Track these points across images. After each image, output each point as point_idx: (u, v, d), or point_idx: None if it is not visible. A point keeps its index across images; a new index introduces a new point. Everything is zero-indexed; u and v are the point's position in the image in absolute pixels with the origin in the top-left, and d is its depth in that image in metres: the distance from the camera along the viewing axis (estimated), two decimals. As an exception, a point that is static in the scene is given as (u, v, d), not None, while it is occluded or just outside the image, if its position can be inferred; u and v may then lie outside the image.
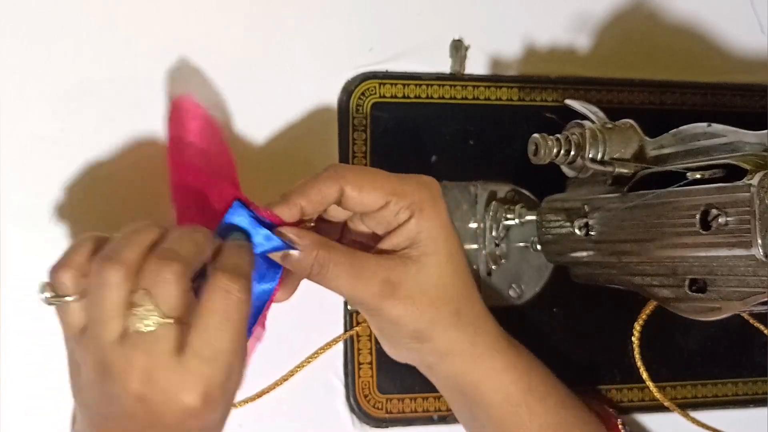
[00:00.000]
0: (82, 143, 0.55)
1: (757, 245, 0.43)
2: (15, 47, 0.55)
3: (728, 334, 0.65)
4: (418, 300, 0.49)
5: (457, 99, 0.62)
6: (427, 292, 0.49)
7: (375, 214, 0.49)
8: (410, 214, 0.48)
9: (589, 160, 0.53)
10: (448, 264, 0.49)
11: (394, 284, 0.48)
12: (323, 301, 0.59)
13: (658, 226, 0.50)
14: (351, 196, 0.47)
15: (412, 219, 0.48)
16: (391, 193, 0.48)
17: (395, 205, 0.48)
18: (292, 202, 0.47)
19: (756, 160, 0.46)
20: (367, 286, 0.47)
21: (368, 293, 0.48)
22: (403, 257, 0.49)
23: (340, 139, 0.60)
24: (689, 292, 0.50)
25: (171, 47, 0.57)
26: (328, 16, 0.60)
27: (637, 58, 0.67)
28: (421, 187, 0.49)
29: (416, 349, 0.51)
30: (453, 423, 0.60)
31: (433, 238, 0.49)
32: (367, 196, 0.47)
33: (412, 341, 0.51)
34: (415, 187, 0.49)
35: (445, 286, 0.49)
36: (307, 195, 0.47)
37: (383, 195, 0.48)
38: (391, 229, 0.49)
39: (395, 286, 0.48)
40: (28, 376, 0.54)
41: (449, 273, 0.49)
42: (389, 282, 0.48)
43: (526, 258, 0.62)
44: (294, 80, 0.59)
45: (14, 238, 0.54)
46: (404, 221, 0.48)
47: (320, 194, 0.47)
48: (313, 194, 0.47)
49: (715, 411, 0.65)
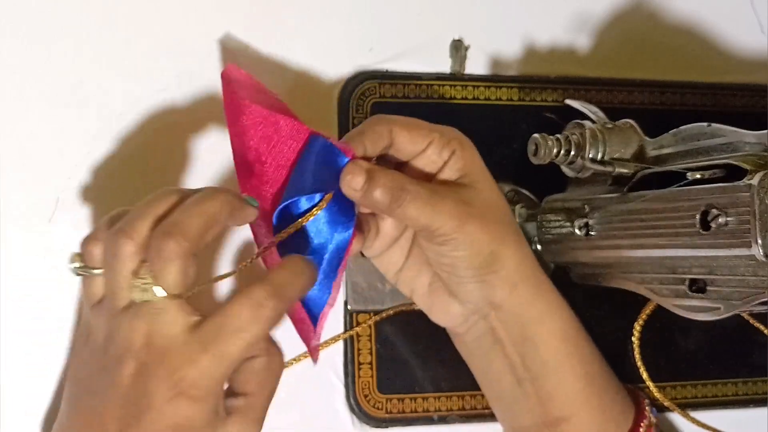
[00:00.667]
0: (82, 143, 0.55)
1: (757, 245, 0.44)
2: (15, 47, 0.55)
3: (728, 334, 0.65)
4: (488, 218, 0.50)
5: (457, 99, 0.62)
6: (492, 211, 0.50)
7: (420, 157, 0.50)
8: (452, 150, 0.50)
9: (589, 160, 0.53)
10: (494, 189, 0.51)
11: (467, 203, 0.49)
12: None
13: (658, 226, 0.50)
14: (400, 137, 0.49)
15: (455, 153, 0.50)
16: (432, 130, 0.50)
17: (438, 142, 0.50)
18: (354, 140, 0.48)
19: (756, 160, 0.46)
20: (444, 207, 0.48)
21: (445, 214, 0.48)
22: (459, 185, 0.50)
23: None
24: (689, 292, 0.50)
25: (171, 47, 0.57)
26: (328, 16, 0.60)
27: (637, 58, 0.67)
28: (453, 130, 0.51)
29: (488, 281, 0.50)
30: (453, 423, 0.60)
31: (479, 167, 0.51)
32: (415, 135, 0.49)
33: (486, 269, 0.50)
34: (449, 131, 0.51)
35: (502, 207, 0.51)
36: (365, 135, 0.48)
37: (427, 133, 0.50)
38: (438, 168, 0.50)
39: (468, 204, 0.49)
40: (28, 376, 0.54)
41: (500, 196, 0.52)
42: (461, 201, 0.49)
43: (526, 258, 0.62)
44: (294, 80, 0.59)
45: (14, 238, 0.54)
46: (448, 157, 0.50)
47: (375, 134, 0.48)
48: (371, 134, 0.48)
49: (715, 411, 0.65)
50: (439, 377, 0.60)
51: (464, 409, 0.60)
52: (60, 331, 0.54)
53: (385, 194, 0.47)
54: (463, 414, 0.60)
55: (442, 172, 0.50)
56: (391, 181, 0.47)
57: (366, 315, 0.59)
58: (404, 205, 0.47)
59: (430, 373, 0.60)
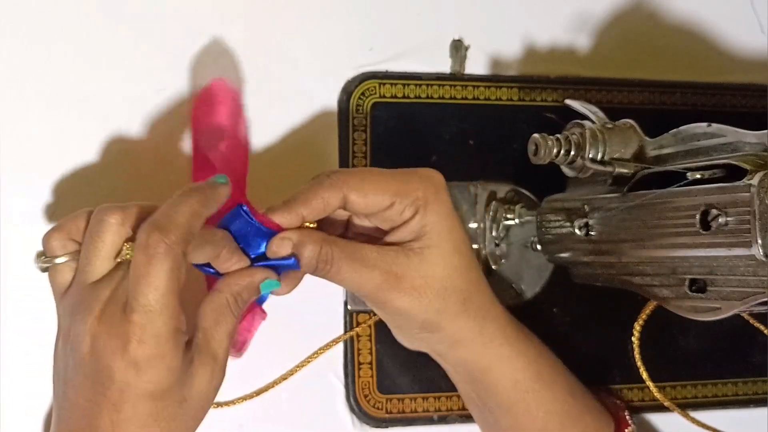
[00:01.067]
0: (82, 143, 0.55)
1: (757, 245, 0.43)
2: (15, 47, 0.55)
3: (728, 334, 0.65)
4: (423, 291, 0.49)
5: (457, 99, 0.62)
6: (432, 283, 0.49)
7: (380, 214, 0.49)
8: (415, 210, 0.49)
9: (589, 160, 0.53)
10: (453, 255, 0.50)
11: (396, 275, 0.48)
12: (323, 301, 0.59)
13: (658, 226, 0.50)
14: (355, 201, 0.47)
15: (416, 215, 0.49)
16: (395, 194, 0.48)
17: (400, 204, 0.48)
18: (293, 211, 0.47)
19: (756, 160, 0.46)
20: (371, 278, 0.48)
21: (372, 286, 0.48)
22: (407, 249, 0.49)
23: (340, 138, 0.60)
24: (689, 292, 0.50)
25: (171, 47, 0.57)
26: (328, 16, 0.60)
27: (637, 58, 0.66)
28: (425, 182, 0.49)
29: (426, 339, 0.52)
30: (453, 423, 0.60)
31: (437, 231, 0.49)
32: (372, 199, 0.48)
33: (421, 331, 0.51)
34: (418, 183, 0.49)
35: (451, 276, 0.50)
36: (308, 203, 0.47)
37: (388, 197, 0.48)
38: (395, 225, 0.49)
39: (399, 278, 0.48)
40: (28, 376, 0.54)
41: (454, 264, 0.50)
42: (392, 273, 0.48)
43: (526, 258, 0.62)
44: (294, 80, 0.59)
45: (14, 238, 0.54)
46: (409, 218, 0.49)
47: (323, 203, 0.47)
48: (316, 203, 0.47)
49: (715, 411, 0.65)
50: (439, 377, 0.60)
51: (464, 409, 0.60)
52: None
53: (309, 264, 0.47)
54: (463, 414, 0.60)
55: (398, 229, 0.49)
56: (317, 254, 0.47)
57: (366, 315, 0.59)
58: (330, 275, 0.47)
59: (430, 373, 0.60)
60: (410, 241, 0.49)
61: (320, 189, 0.47)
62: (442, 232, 0.49)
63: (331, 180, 0.47)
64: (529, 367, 0.53)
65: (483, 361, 0.52)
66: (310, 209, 0.47)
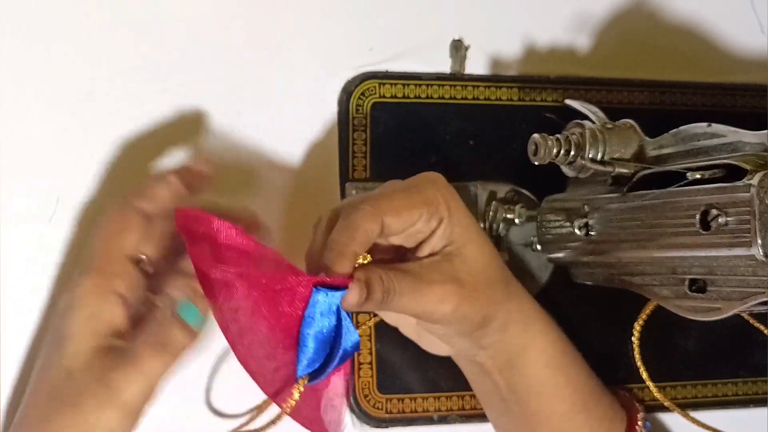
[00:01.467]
0: (82, 143, 0.55)
1: (757, 245, 0.43)
2: (15, 47, 0.55)
3: (728, 334, 0.65)
4: (476, 288, 0.49)
5: (457, 99, 0.62)
6: (480, 278, 0.50)
7: (408, 230, 0.49)
8: (440, 218, 0.49)
9: (589, 160, 0.53)
10: (485, 246, 0.51)
11: (455, 280, 0.48)
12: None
13: (658, 226, 0.50)
14: (391, 223, 0.47)
15: (443, 221, 0.49)
16: (423, 204, 0.48)
17: (427, 214, 0.48)
18: (348, 254, 0.45)
19: (756, 160, 0.46)
20: (430, 295, 0.47)
21: (433, 302, 0.47)
22: (446, 254, 0.49)
23: (340, 139, 0.60)
24: (689, 292, 0.50)
25: (171, 48, 0.57)
26: (328, 16, 0.60)
27: (637, 58, 0.66)
28: (438, 186, 0.50)
29: (479, 335, 0.51)
30: (453, 423, 0.60)
31: (465, 228, 0.50)
32: (406, 217, 0.48)
33: (476, 329, 0.51)
34: (434, 189, 0.49)
35: (490, 265, 0.51)
36: (356, 240, 0.45)
37: (417, 210, 0.48)
38: (424, 237, 0.49)
39: (457, 282, 0.48)
40: (28, 376, 0.54)
41: (488, 253, 0.51)
42: (451, 279, 0.48)
43: (526, 258, 0.62)
44: (294, 80, 0.59)
45: (14, 238, 0.54)
46: (436, 226, 0.49)
47: (366, 234, 0.46)
48: (360, 236, 0.46)
49: (715, 411, 0.65)
50: (439, 377, 0.60)
51: (464, 409, 0.60)
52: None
53: (377, 300, 0.45)
54: (463, 414, 0.60)
55: (429, 240, 0.49)
56: (381, 286, 0.45)
57: (366, 315, 0.59)
58: (392, 303, 0.46)
59: (430, 373, 0.60)
60: (444, 247, 0.49)
61: (360, 221, 0.46)
62: (468, 227, 0.50)
63: (365, 211, 0.46)
64: (557, 342, 0.54)
65: (524, 338, 0.53)
66: (359, 244, 0.45)
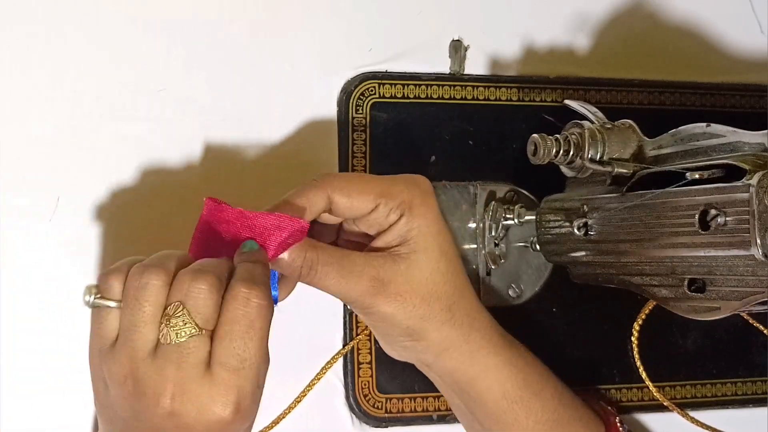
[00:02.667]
0: (82, 143, 0.55)
1: (756, 245, 0.43)
2: (15, 47, 0.55)
3: (728, 334, 0.65)
4: (409, 297, 0.49)
5: (457, 99, 0.62)
6: (417, 289, 0.49)
7: (366, 217, 0.49)
8: (400, 213, 0.49)
9: (588, 160, 0.53)
10: (439, 260, 0.50)
11: (383, 281, 0.48)
12: (324, 301, 0.59)
13: (657, 226, 0.50)
14: (340, 202, 0.48)
15: (402, 218, 0.49)
16: (379, 195, 0.48)
17: (385, 206, 0.49)
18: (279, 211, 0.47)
19: (755, 160, 0.46)
20: (357, 284, 0.48)
21: (357, 291, 0.48)
22: (393, 255, 0.49)
23: (339, 139, 0.60)
24: (688, 291, 0.50)
25: (171, 48, 0.57)
26: (328, 16, 0.61)
27: (636, 58, 0.66)
28: (411, 186, 0.50)
29: (411, 348, 0.52)
30: (453, 423, 0.60)
31: (423, 235, 0.49)
32: (357, 201, 0.48)
33: (406, 339, 0.51)
34: (403, 187, 0.49)
35: (437, 282, 0.50)
36: (293, 205, 0.47)
37: (372, 199, 0.48)
38: (382, 229, 0.50)
39: (384, 283, 0.48)
40: (27, 376, 0.54)
41: (441, 269, 0.50)
42: (378, 279, 0.48)
43: (526, 258, 0.62)
44: (294, 80, 0.59)
45: (14, 238, 0.54)
46: (395, 221, 0.49)
47: (308, 203, 0.47)
48: (300, 202, 0.47)
49: (715, 411, 0.65)
50: (439, 377, 0.60)
51: (464, 409, 0.60)
52: (59, 331, 0.54)
53: (293, 269, 0.47)
54: (462, 414, 0.60)
55: (385, 234, 0.50)
56: (301, 259, 0.47)
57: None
58: (315, 280, 0.47)
59: (430, 373, 0.60)
60: (397, 246, 0.49)
61: (305, 190, 0.47)
62: (428, 236, 0.49)
63: (315, 182, 0.48)
64: (516, 376, 0.53)
65: (470, 371, 0.52)
66: (294, 208, 0.47)
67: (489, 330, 0.53)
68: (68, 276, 0.54)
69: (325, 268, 0.47)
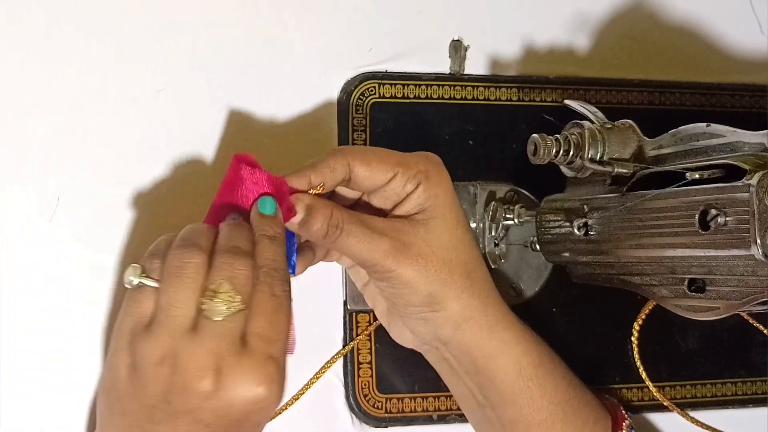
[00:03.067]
0: (82, 143, 0.55)
1: (756, 245, 0.44)
2: (15, 47, 0.55)
3: (728, 334, 0.65)
4: (430, 260, 0.49)
5: (457, 99, 0.62)
6: (438, 252, 0.50)
7: (383, 189, 0.50)
8: (417, 182, 0.50)
9: (588, 160, 0.53)
10: (457, 227, 0.51)
11: (405, 244, 0.49)
12: (323, 301, 0.59)
13: (657, 226, 0.50)
14: (359, 171, 0.49)
15: (419, 186, 0.50)
16: (397, 164, 0.50)
17: (402, 176, 0.50)
18: (302, 174, 0.48)
19: (755, 160, 0.46)
20: (379, 244, 0.48)
21: (380, 251, 0.49)
22: (413, 220, 0.50)
23: (339, 139, 0.60)
24: (688, 291, 0.50)
25: (172, 48, 0.57)
26: (328, 16, 0.61)
27: (636, 58, 0.67)
28: (425, 158, 0.51)
29: (431, 319, 0.51)
30: (453, 423, 0.60)
31: (441, 203, 0.50)
32: (376, 169, 0.49)
33: (426, 309, 0.51)
34: (419, 158, 0.51)
35: (456, 248, 0.51)
36: (316, 168, 0.49)
37: (390, 167, 0.49)
38: (399, 200, 0.50)
39: (406, 245, 0.49)
40: (27, 376, 0.54)
41: (458, 236, 0.51)
42: (400, 241, 0.49)
43: (525, 258, 0.62)
44: (294, 80, 0.59)
45: (14, 238, 0.54)
46: (412, 190, 0.50)
47: (329, 168, 0.49)
48: (322, 167, 0.49)
49: (715, 411, 0.65)
50: (439, 377, 0.60)
51: (464, 409, 0.60)
52: (59, 331, 0.54)
53: (320, 230, 0.48)
54: (462, 414, 0.60)
55: (402, 204, 0.50)
56: (328, 218, 0.48)
57: (365, 315, 0.59)
58: (338, 241, 0.48)
59: (430, 373, 0.60)
60: (415, 214, 0.50)
61: (327, 157, 0.49)
62: (445, 205, 0.50)
63: (338, 150, 0.50)
64: (531, 353, 0.53)
65: (487, 347, 0.52)
66: (317, 173, 0.48)
67: (503, 305, 0.54)
68: (68, 276, 0.54)
69: (350, 227, 0.48)
